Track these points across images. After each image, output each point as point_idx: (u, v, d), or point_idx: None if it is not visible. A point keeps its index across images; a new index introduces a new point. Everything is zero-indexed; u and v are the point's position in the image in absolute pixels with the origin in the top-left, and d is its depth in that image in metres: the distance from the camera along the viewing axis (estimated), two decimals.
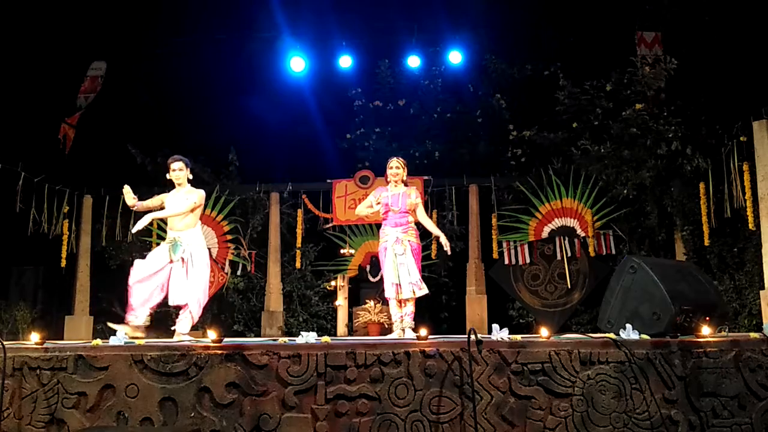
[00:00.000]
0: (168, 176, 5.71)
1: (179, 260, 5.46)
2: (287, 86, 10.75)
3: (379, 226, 9.73)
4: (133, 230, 5.48)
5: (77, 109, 10.09)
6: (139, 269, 5.48)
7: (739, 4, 8.44)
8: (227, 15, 10.11)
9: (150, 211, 5.61)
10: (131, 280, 5.47)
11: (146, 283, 5.45)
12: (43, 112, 9.48)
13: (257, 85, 10.61)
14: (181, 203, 5.54)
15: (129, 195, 5.45)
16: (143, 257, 5.68)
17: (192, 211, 5.57)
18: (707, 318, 4.45)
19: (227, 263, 9.66)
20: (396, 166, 6.00)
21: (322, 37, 10.60)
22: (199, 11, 9.79)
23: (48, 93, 9.41)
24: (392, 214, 5.92)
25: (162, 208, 5.61)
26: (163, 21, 9.83)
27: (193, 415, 3.64)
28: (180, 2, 9.67)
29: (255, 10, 10.04)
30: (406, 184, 6.06)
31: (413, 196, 5.93)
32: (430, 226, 6.17)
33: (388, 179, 6.07)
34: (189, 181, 5.72)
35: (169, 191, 5.76)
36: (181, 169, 5.63)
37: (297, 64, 10.50)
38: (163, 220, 5.79)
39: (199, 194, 5.64)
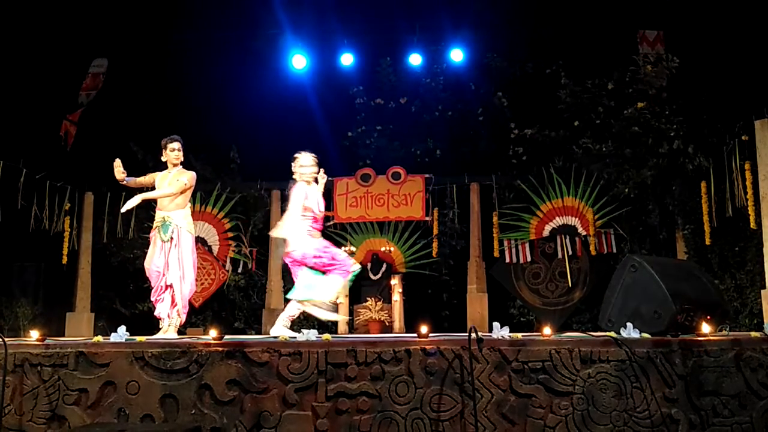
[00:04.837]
0: (163, 157, 5.63)
1: (168, 240, 5.41)
2: (289, 84, 10.74)
3: (380, 224, 9.85)
4: (123, 209, 5.40)
5: (79, 106, 10.10)
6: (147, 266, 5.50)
7: (740, 3, 8.42)
8: (229, 12, 10.09)
9: (140, 188, 5.58)
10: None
11: (153, 272, 5.45)
12: (45, 109, 9.48)
13: (259, 82, 10.60)
14: (172, 184, 5.48)
15: (118, 169, 5.39)
16: (144, 254, 5.67)
17: (182, 192, 5.50)
18: (708, 317, 4.44)
19: (228, 261, 9.67)
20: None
21: (323, 35, 10.58)
22: (200, 8, 9.77)
23: (50, 90, 9.41)
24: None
25: (152, 187, 5.57)
26: (164, 18, 9.83)
27: (193, 412, 3.64)
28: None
29: (257, 7, 10.02)
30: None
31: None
32: None
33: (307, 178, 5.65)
34: (181, 162, 5.66)
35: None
36: (180, 150, 5.59)
37: (298, 61, 10.50)
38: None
39: (190, 176, 5.56)
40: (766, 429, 3.63)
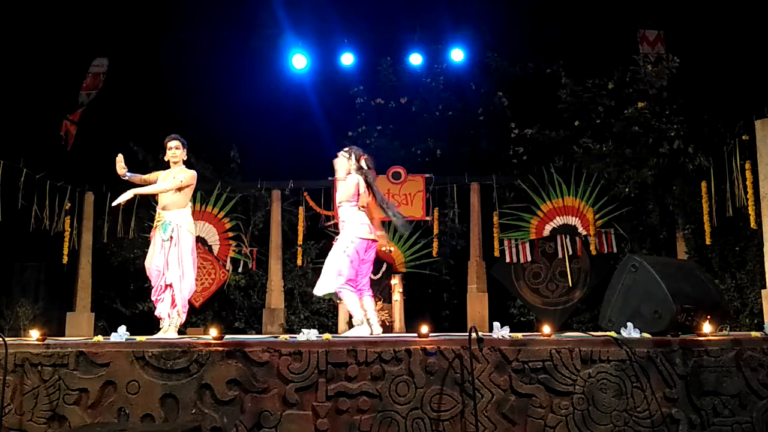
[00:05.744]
0: (166, 157, 5.65)
1: (168, 239, 5.41)
2: (289, 84, 10.74)
3: (383, 223, 9.82)
4: (114, 203, 5.40)
5: (79, 106, 10.09)
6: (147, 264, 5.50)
7: (740, 3, 8.42)
8: (229, 12, 10.10)
9: (143, 185, 5.59)
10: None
11: (153, 272, 5.44)
12: (45, 109, 9.48)
13: (259, 82, 10.60)
14: (168, 180, 5.48)
15: (120, 164, 5.40)
16: (144, 254, 5.67)
17: (180, 190, 5.48)
18: (708, 316, 4.44)
19: (228, 260, 9.67)
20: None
21: (324, 35, 10.58)
22: (201, 8, 9.78)
23: (50, 90, 9.41)
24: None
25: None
26: (164, 18, 9.83)
27: (194, 411, 3.64)
28: None
29: (257, 6, 10.03)
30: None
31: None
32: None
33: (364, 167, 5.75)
34: (185, 162, 5.66)
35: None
36: (177, 148, 5.58)
37: (299, 61, 10.49)
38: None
39: (188, 174, 5.52)
40: (766, 429, 3.63)
